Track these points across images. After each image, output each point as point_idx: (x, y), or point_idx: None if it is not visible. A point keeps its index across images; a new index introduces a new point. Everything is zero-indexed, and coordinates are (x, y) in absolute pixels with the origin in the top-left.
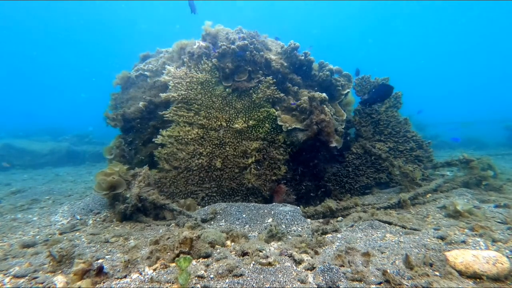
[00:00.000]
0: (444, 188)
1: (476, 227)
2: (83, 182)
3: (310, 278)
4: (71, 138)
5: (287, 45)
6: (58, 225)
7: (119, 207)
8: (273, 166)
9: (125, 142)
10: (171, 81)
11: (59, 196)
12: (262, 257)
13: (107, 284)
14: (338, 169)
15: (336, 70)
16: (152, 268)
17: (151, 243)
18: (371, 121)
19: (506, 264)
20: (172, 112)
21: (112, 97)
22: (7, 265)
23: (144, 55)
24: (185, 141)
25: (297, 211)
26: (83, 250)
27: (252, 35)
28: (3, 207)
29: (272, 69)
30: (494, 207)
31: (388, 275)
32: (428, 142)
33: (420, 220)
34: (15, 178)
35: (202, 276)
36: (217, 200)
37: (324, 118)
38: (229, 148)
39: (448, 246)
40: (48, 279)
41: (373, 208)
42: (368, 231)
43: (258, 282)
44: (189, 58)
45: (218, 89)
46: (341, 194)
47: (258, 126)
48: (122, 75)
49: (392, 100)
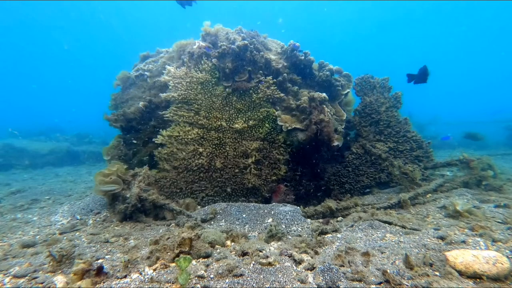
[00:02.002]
0: (444, 188)
1: (476, 227)
2: (83, 182)
3: (310, 278)
4: (71, 138)
5: (287, 45)
6: (58, 225)
7: (119, 207)
8: (273, 166)
9: (125, 142)
10: (171, 81)
11: (59, 196)
12: (262, 257)
13: (107, 284)
14: (338, 169)
15: (336, 70)
16: (152, 268)
17: (151, 243)
18: (371, 121)
19: (506, 264)
20: (172, 112)
21: (112, 97)
22: (7, 265)
23: (144, 55)
24: (185, 141)
25: (297, 211)
26: (83, 250)
27: (252, 35)
28: (3, 207)
29: (272, 69)
30: (494, 207)
31: (388, 275)
32: (428, 142)
33: (420, 220)
34: (15, 178)
35: (202, 276)
36: (217, 200)
37: (323, 118)
38: (229, 148)
39: (448, 246)
40: (48, 279)
41: (373, 208)
42: (368, 231)
43: (258, 282)
44: (189, 58)
45: (218, 89)
46: (341, 194)
47: (258, 126)
48: (122, 76)
49: (392, 100)
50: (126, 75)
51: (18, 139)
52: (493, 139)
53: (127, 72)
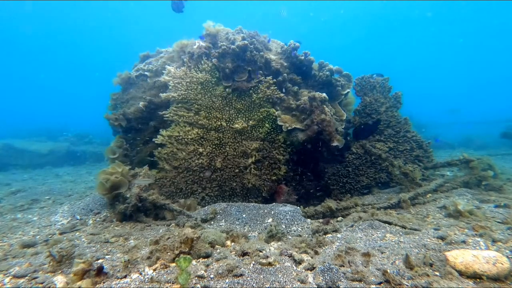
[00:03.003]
0: (444, 188)
1: (476, 227)
2: (83, 182)
3: (310, 278)
4: (71, 138)
5: (287, 45)
6: (58, 225)
7: (119, 207)
8: (273, 166)
9: (126, 142)
10: (171, 81)
11: (59, 196)
12: (262, 257)
13: (107, 284)
14: (338, 169)
15: (336, 70)
16: (152, 268)
17: (151, 243)
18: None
19: (506, 264)
20: (172, 112)
21: (113, 97)
22: (7, 265)
23: (144, 55)
24: (185, 141)
25: (297, 211)
26: (83, 250)
27: (252, 35)
28: (3, 207)
29: (272, 69)
30: (494, 207)
31: (388, 275)
32: (428, 142)
33: (420, 220)
34: (15, 178)
35: (202, 276)
36: (217, 200)
37: (324, 118)
38: (229, 148)
39: (448, 246)
40: (48, 279)
41: (373, 208)
42: (368, 231)
43: (258, 282)
44: (189, 58)
45: (218, 89)
46: (341, 194)
47: (258, 126)
48: (123, 75)
49: (392, 100)
50: (127, 75)
51: (18, 139)
52: (493, 139)
53: (128, 72)
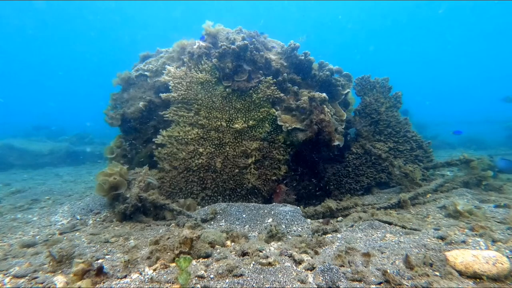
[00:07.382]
0: (444, 188)
1: (476, 227)
2: (83, 182)
3: (310, 278)
4: (71, 138)
5: (287, 45)
6: (58, 225)
7: (119, 207)
8: (273, 166)
9: (126, 142)
10: (171, 81)
11: (59, 196)
12: (262, 257)
13: (107, 284)
14: (338, 169)
15: (336, 70)
16: (152, 268)
17: (151, 243)
18: (371, 121)
19: (506, 264)
20: (172, 112)
21: (113, 97)
22: (7, 265)
23: (144, 55)
24: (185, 141)
25: (297, 211)
26: (83, 250)
27: (252, 35)
28: (3, 207)
29: (272, 69)
30: (494, 207)
31: (388, 275)
32: (428, 142)
33: (420, 220)
34: (15, 178)
35: (202, 276)
36: (217, 200)
37: (324, 118)
38: (229, 148)
39: (448, 246)
40: (48, 279)
41: (373, 208)
42: (368, 231)
43: (258, 282)
44: (189, 58)
45: (218, 89)
46: (341, 194)
47: (258, 126)
48: (123, 75)
49: (392, 100)
50: (127, 75)
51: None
52: (493, 139)
53: (128, 72)
